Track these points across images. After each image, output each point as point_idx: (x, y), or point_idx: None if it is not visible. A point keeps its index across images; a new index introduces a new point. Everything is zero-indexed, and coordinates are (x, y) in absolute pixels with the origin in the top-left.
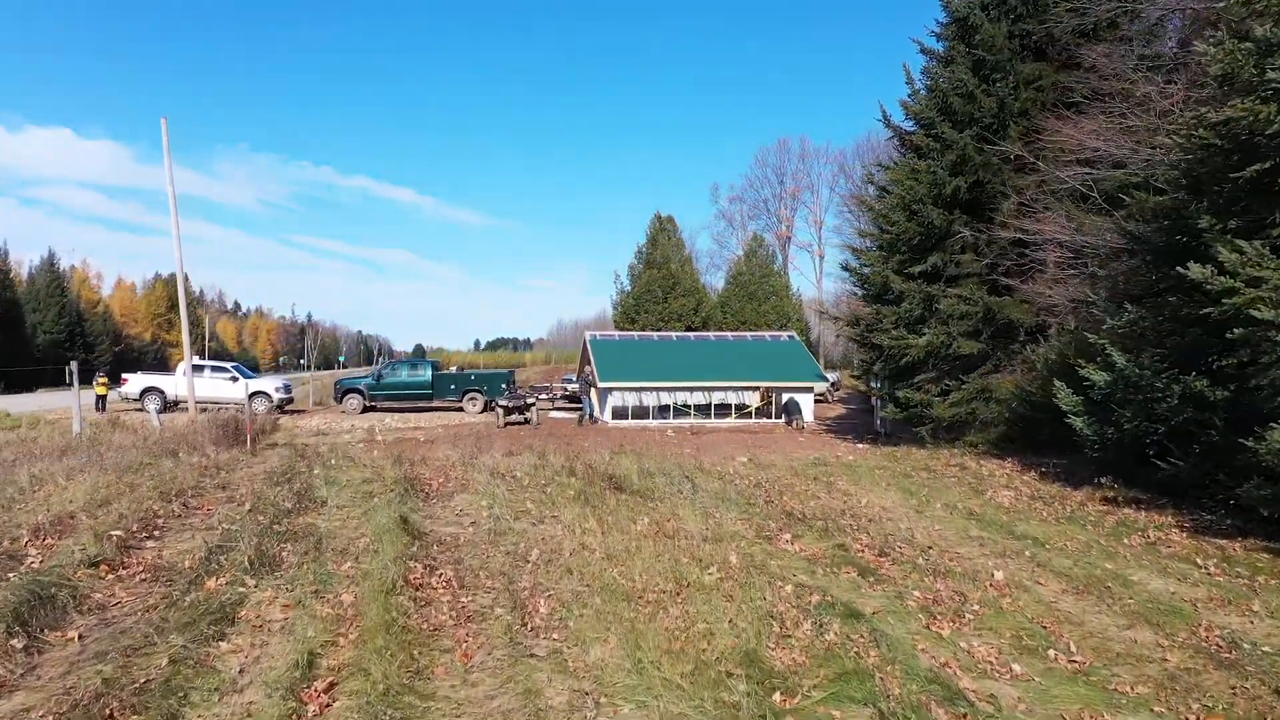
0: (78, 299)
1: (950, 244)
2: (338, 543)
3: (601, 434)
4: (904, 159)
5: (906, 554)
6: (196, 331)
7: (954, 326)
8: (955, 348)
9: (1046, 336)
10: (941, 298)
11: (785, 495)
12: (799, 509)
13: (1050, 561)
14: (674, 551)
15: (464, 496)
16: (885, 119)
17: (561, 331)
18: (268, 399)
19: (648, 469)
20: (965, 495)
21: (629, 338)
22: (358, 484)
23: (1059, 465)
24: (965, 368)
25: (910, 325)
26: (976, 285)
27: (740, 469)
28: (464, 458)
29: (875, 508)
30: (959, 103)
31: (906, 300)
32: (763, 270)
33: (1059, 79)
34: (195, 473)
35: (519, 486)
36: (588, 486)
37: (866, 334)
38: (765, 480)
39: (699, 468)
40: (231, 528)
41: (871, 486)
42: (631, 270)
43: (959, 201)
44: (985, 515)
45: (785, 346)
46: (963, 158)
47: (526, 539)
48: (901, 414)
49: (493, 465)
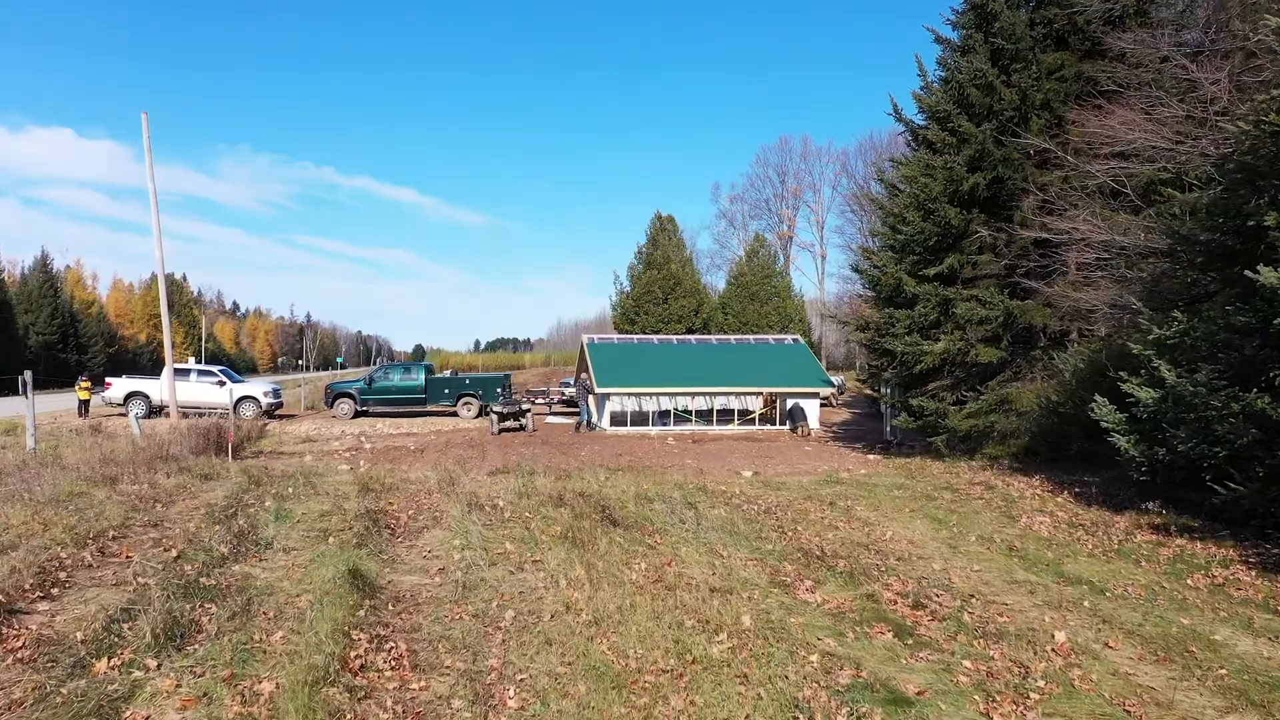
0: (71, 299)
1: (967, 244)
2: (273, 602)
3: (599, 442)
4: (916, 155)
5: (946, 605)
6: (193, 333)
7: (971, 332)
8: (973, 355)
9: (1069, 343)
10: (958, 301)
11: (800, 525)
12: (816, 543)
13: (1115, 615)
14: (675, 610)
15: (435, 534)
16: (896, 113)
17: (561, 332)
18: (256, 404)
19: (645, 493)
20: (998, 522)
21: (628, 341)
22: (314, 518)
23: (1093, 485)
24: (982, 375)
25: (924, 330)
26: (995, 288)
27: (746, 488)
28: (442, 481)
29: (902, 541)
30: (977, 94)
31: (920, 304)
32: (765, 271)
33: (1083, 69)
34: (125, 508)
35: (499, 520)
36: (577, 521)
37: (878, 339)
38: (776, 505)
39: (702, 488)
40: (148, 582)
41: (894, 513)
42: (631, 271)
43: (977, 199)
44: (1027, 551)
45: (790, 350)
46: (981, 152)
47: (501, 594)
48: (915, 424)
49: (473, 491)
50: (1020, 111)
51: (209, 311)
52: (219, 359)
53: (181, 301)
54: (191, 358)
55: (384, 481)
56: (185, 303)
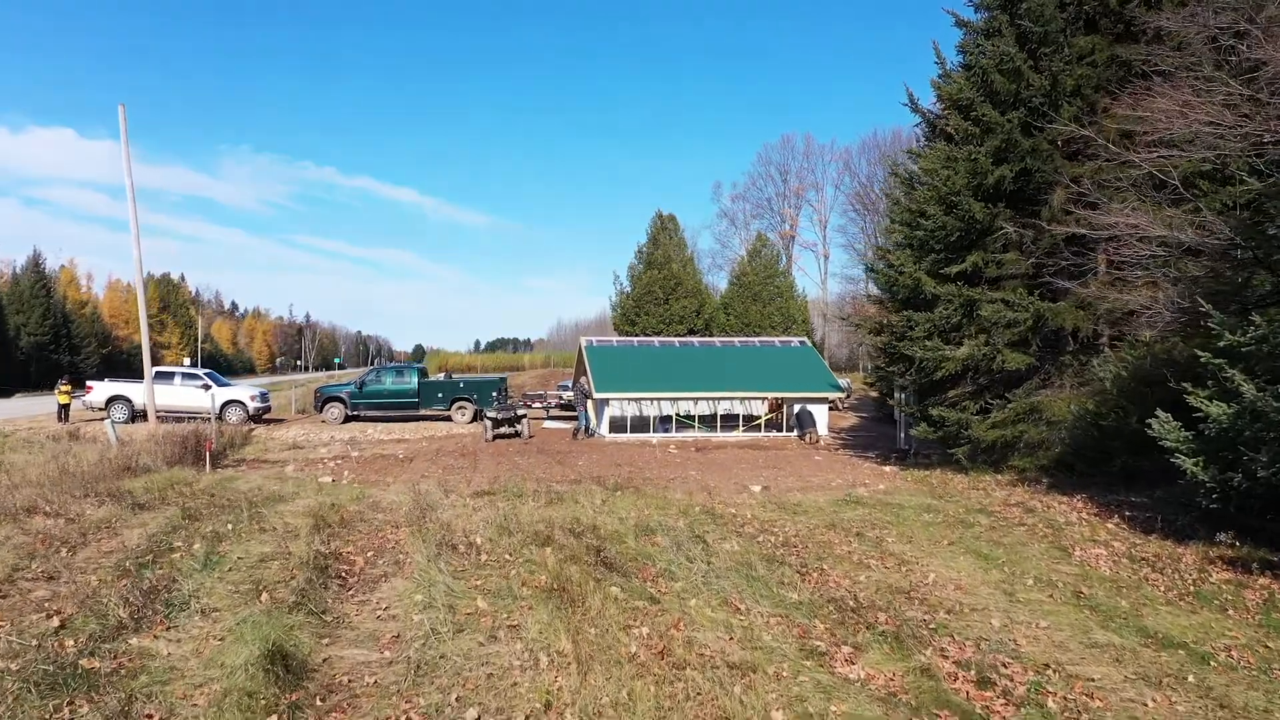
0: (64, 300)
1: (991, 241)
2: (165, 699)
3: (597, 451)
4: (935, 147)
5: (1019, 680)
6: (189, 333)
7: (997, 336)
8: (999, 360)
9: (1099, 348)
10: (983, 302)
11: (825, 563)
12: (849, 589)
13: (1231, 696)
14: (687, 701)
15: (396, 584)
16: (911, 103)
17: (561, 332)
18: (242, 408)
19: (646, 522)
20: (1050, 556)
21: (628, 344)
22: (251, 564)
23: (1144, 508)
24: (1007, 382)
25: (945, 334)
26: (1021, 288)
27: (759, 511)
28: (414, 510)
29: (948, 586)
30: (1002, 81)
31: (941, 305)
32: (767, 271)
33: (1117, 52)
34: (21, 553)
35: (474, 564)
36: (566, 565)
37: (894, 343)
38: (795, 536)
39: (710, 512)
40: (6, 668)
41: (931, 546)
42: (631, 271)
43: (1002, 193)
44: (1096, 598)
45: (797, 353)
46: (1008, 143)
47: (464, 679)
48: (935, 434)
49: (448, 523)
50: (1050, 98)
51: (206, 311)
52: (216, 359)
53: (178, 302)
54: (186, 359)
55: (346, 511)
56: (181, 303)
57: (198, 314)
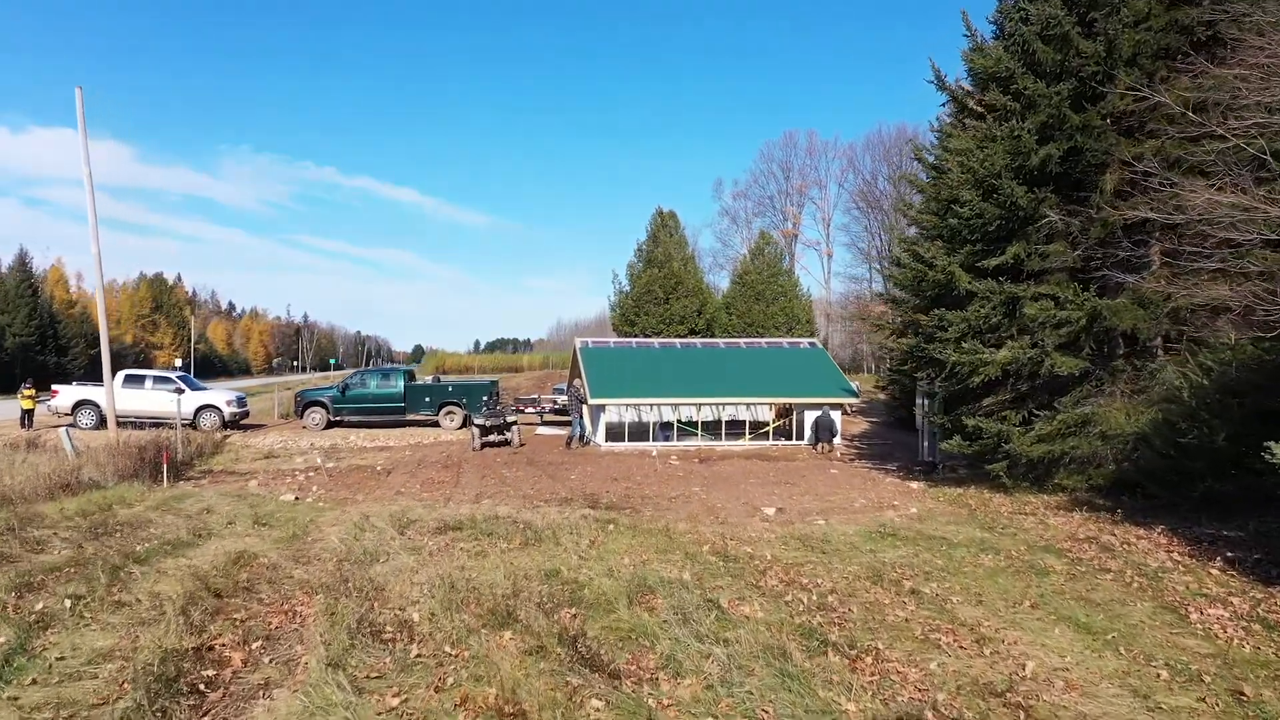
0: (51, 299)
1: (1034, 231)
2: None
3: (591, 462)
4: (970, 126)
5: None
6: (182, 333)
7: (1046, 337)
8: (1048, 365)
9: (1152, 351)
10: (1026, 300)
11: (880, 639)
12: (921, 690)
13: None
14: None
15: (277, 703)
16: (937, 79)
17: (561, 333)
18: (218, 414)
19: (643, 576)
20: (1161, 621)
21: (625, 345)
22: (75, 667)
23: (1245, 544)
24: (1050, 389)
25: (982, 335)
26: (1068, 283)
27: (779, 548)
28: (341, 571)
29: (1055, 683)
30: (1047, 50)
31: (978, 303)
32: (771, 269)
33: (1176, 17)
34: None
35: (397, 663)
36: (528, 667)
37: (923, 346)
38: (831, 592)
39: (721, 553)
40: None
41: (1009, 609)
42: (630, 270)
43: (1048, 175)
44: (1265, 704)
45: (807, 355)
46: (1056, 118)
47: None
48: (970, 447)
49: (380, 588)
50: (1105, 67)
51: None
52: (210, 360)
53: (171, 302)
54: (178, 359)
55: (257, 565)
56: (175, 303)
57: (192, 314)
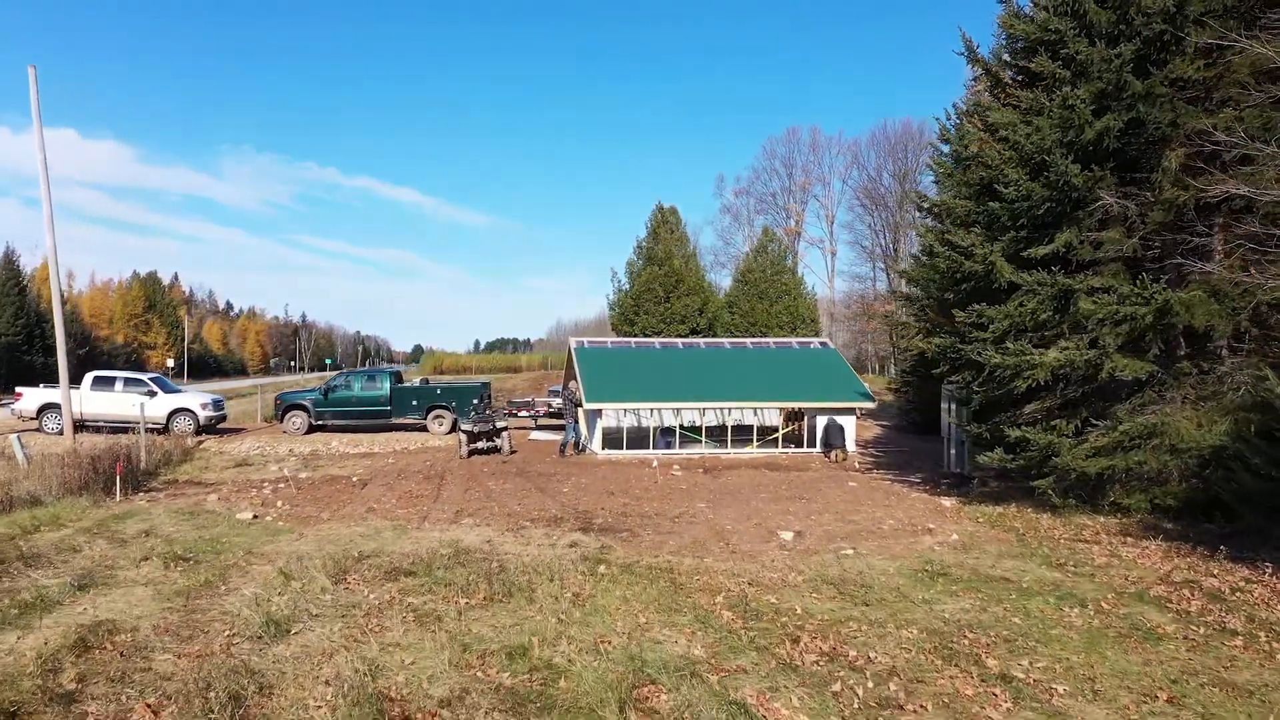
0: (38, 298)
1: (1086, 215)
2: None
3: (587, 472)
4: (998, 103)
5: None
6: (175, 333)
7: (1105, 336)
8: (1108, 368)
9: (1216, 351)
10: (1081, 293)
11: None
12: None
13: None
14: None
15: None
16: (969, 51)
17: (560, 333)
18: (192, 418)
19: (643, 659)
20: None
21: (624, 345)
22: None
23: None
24: (1106, 395)
25: (1028, 333)
26: (1122, 273)
27: (810, 597)
28: (226, 656)
29: None
30: (1101, 10)
31: (1023, 297)
32: (774, 267)
33: None
34: None
35: None
36: None
37: (959, 347)
38: (889, 673)
39: (740, 606)
40: None
41: (1139, 706)
42: (630, 267)
43: (1104, 151)
44: None
45: (818, 356)
46: (1115, 86)
47: None
48: (1015, 461)
49: (258, 694)
50: (1172, 28)
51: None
52: (205, 360)
53: (164, 301)
54: (170, 360)
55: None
56: (168, 303)
57: (187, 314)
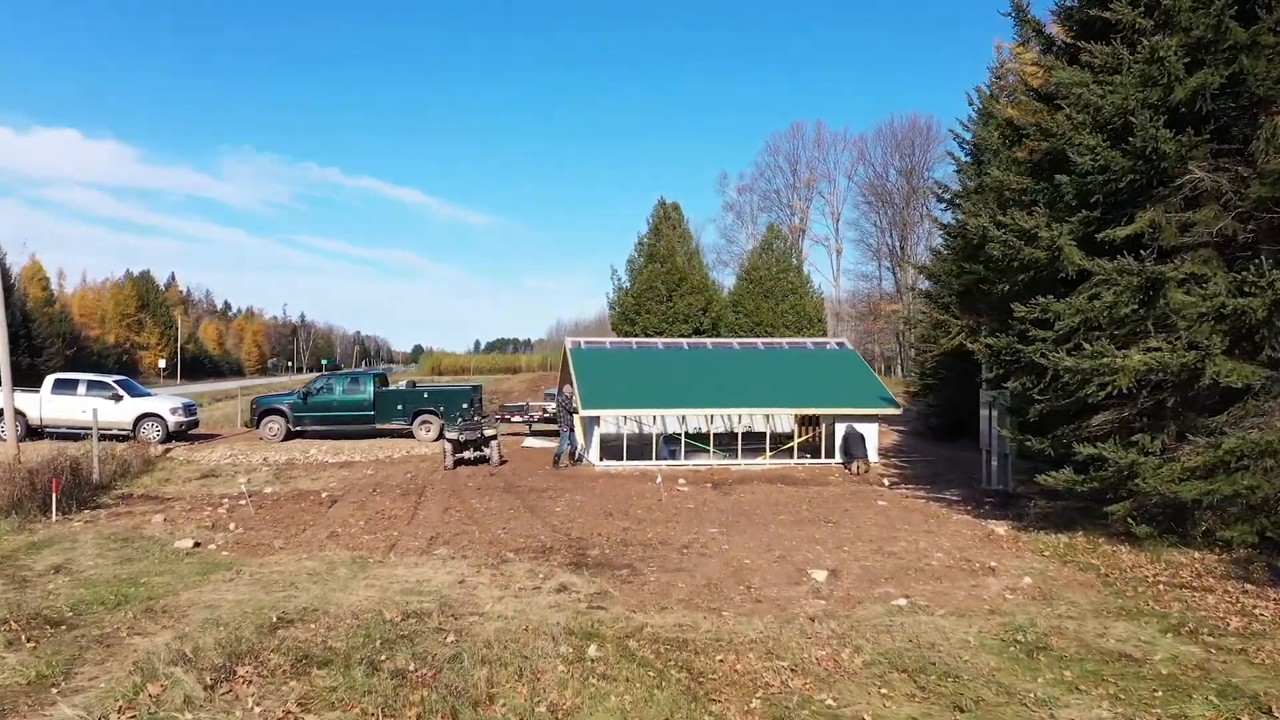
0: (25, 297)
1: (1172, 191)
2: None
3: (583, 487)
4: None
5: None
6: (169, 333)
7: (1204, 334)
8: (1211, 372)
9: None
10: (1171, 284)
11: None
12: None
13: None
14: None
15: None
16: (1017, 10)
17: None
18: (160, 424)
19: None
20: None
21: (624, 346)
22: None
23: None
24: (1196, 405)
25: (1102, 330)
26: (1216, 260)
27: (878, 701)
28: None
29: None
30: None
31: (1099, 288)
32: (780, 265)
33: None
34: None
35: None
36: None
37: (1016, 347)
38: None
39: None
40: None
41: None
42: (631, 265)
43: (1198, 115)
44: None
45: (835, 358)
46: (1214, 34)
47: None
48: (1086, 483)
49: None
50: None
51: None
52: (200, 360)
53: (158, 301)
54: (162, 360)
55: None
56: (162, 302)
57: (182, 314)
